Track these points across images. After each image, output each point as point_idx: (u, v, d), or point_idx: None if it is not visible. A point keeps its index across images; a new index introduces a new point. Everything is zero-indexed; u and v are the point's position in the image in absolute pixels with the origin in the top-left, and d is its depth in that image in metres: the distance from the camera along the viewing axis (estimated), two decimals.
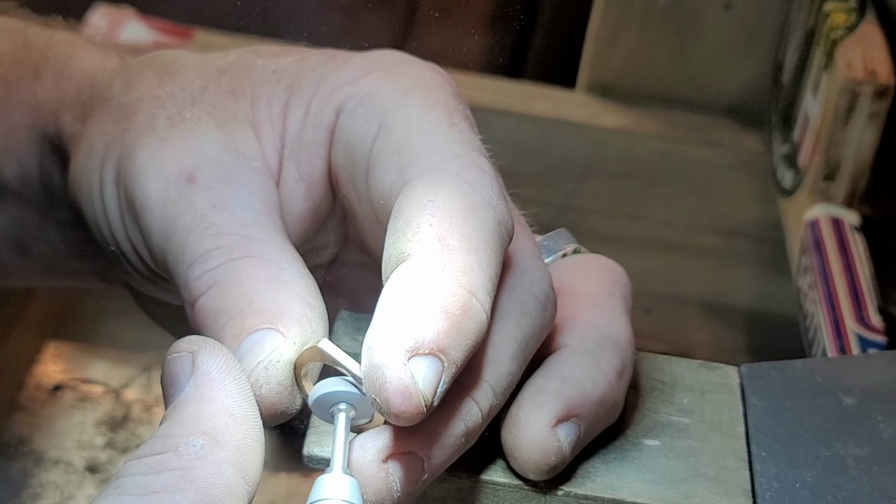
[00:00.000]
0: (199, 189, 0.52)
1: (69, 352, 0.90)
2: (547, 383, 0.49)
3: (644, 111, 1.14)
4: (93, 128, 0.56)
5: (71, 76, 0.59)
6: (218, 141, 0.53)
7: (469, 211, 0.47)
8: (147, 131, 0.54)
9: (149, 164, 0.53)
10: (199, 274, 0.50)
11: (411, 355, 0.44)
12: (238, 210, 0.51)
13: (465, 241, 0.46)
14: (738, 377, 0.56)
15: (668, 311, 0.98)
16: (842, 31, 0.95)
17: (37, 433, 0.83)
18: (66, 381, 0.87)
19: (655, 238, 1.04)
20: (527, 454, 0.48)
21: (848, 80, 0.91)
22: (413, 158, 0.49)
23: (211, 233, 0.51)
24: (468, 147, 0.50)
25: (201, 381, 0.44)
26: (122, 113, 0.55)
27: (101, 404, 0.85)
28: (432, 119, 0.51)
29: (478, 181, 0.48)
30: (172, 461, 0.43)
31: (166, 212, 0.52)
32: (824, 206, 0.94)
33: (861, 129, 0.92)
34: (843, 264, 0.87)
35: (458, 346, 0.45)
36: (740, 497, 0.50)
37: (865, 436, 0.53)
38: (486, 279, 0.46)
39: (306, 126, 0.54)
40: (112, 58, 0.60)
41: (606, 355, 0.50)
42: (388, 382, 0.43)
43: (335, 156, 0.53)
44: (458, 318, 0.44)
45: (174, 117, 0.54)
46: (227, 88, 0.55)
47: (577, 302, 0.52)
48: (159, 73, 0.56)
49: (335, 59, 0.55)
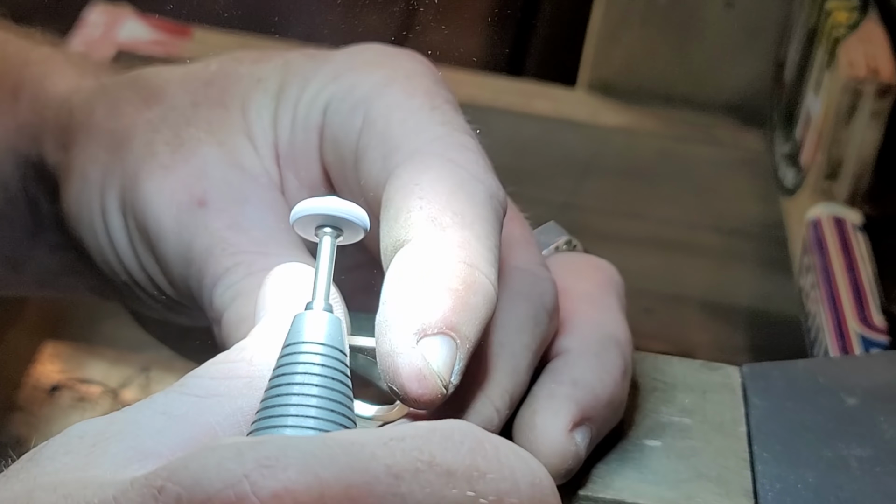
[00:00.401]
0: (212, 212, 0.52)
1: (67, 352, 0.90)
2: (559, 388, 0.49)
3: (645, 109, 1.14)
4: (80, 156, 0.56)
5: (47, 101, 0.59)
6: (222, 161, 0.53)
7: (457, 188, 0.47)
8: (147, 159, 0.54)
9: (157, 192, 0.53)
10: (221, 291, 0.50)
11: (420, 337, 0.43)
12: (254, 230, 0.51)
13: (458, 218, 0.46)
14: (740, 377, 0.56)
15: (669, 310, 0.98)
16: (844, 29, 0.95)
17: (34, 434, 0.83)
18: (63, 382, 0.87)
19: (656, 237, 1.04)
20: (546, 460, 0.47)
21: (850, 78, 0.91)
22: (396, 146, 0.49)
23: (229, 252, 0.51)
24: (450, 127, 0.50)
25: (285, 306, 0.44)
26: (113, 141, 0.55)
27: (98, 404, 0.85)
28: (413, 105, 0.51)
29: (463, 158, 0.48)
30: (243, 369, 0.42)
31: (182, 239, 0.52)
32: (826, 205, 0.94)
33: (863, 128, 0.92)
34: (845, 264, 0.87)
35: (468, 320, 0.44)
36: (742, 498, 0.50)
37: (868, 436, 0.53)
38: (486, 251, 0.46)
39: (296, 132, 0.54)
40: (88, 78, 0.59)
41: (610, 356, 0.50)
42: (401, 368, 0.43)
43: (324, 154, 0.53)
44: (462, 292, 0.44)
45: (172, 141, 0.54)
46: (217, 101, 0.55)
47: (575, 303, 0.52)
48: (143, 95, 0.56)
49: (315, 59, 0.55)
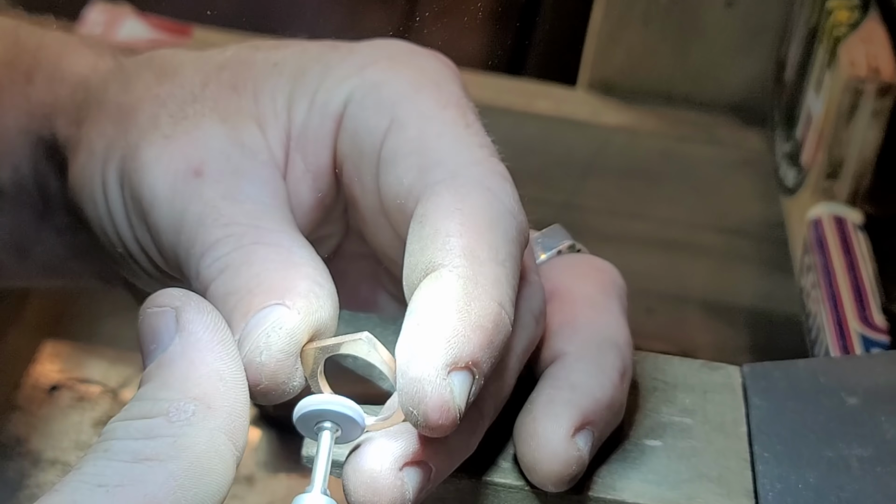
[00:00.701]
0: (207, 182, 0.52)
1: (66, 351, 0.90)
2: (558, 392, 0.49)
3: (646, 109, 1.14)
4: (91, 131, 0.56)
5: (64, 79, 0.59)
6: (223, 135, 0.53)
7: (495, 221, 0.47)
8: (150, 130, 0.54)
9: (155, 160, 0.53)
10: (209, 262, 0.50)
11: (450, 370, 0.44)
12: (248, 203, 0.51)
13: (493, 253, 0.46)
14: (741, 377, 0.56)
15: (670, 310, 0.98)
16: (845, 28, 0.95)
17: (34, 433, 0.83)
18: (63, 381, 0.87)
19: (657, 237, 1.04)
20: (548, 467, 0.48)
21: (851, 77, 0.91)
22: (435, 161, 0.49)
23: (221, 223, 0.50)
24: (487, 152, 0.50)
25: (188, 342, 0.44)
26: (120, 113, 0.55)
27: (98, 404, 0.85)
28: (447, 119, 0.51)
29: (500, 189, 0.49)
30: (163, 427, 0.42)
31: (175, 207, 0.52)
32: (827, 204, 0.94)
33: (864, 127, 0.92)
34: (846, 263, 0.87)
35: (488, 358, 0.45)
36: (743, 498, 0.50)
37: (869, 436, 0.53)
38: (511, 291, 0.47)
39: (312, 116, 0.53)
40: (105, 59, 0.59)
41: (609, 359, 0.51)
42: (429, 397, 0.44)
43: (341, 145, 0.53)
44: (490, 331, 0.45)
45: (176, 114, 0.54)
46: (228, 84, 0.55)
47: (575, 305, 0.52)
48: (157, 73, 0.56)
49: (338, 49, 0.55)
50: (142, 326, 0.45)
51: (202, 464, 0.42)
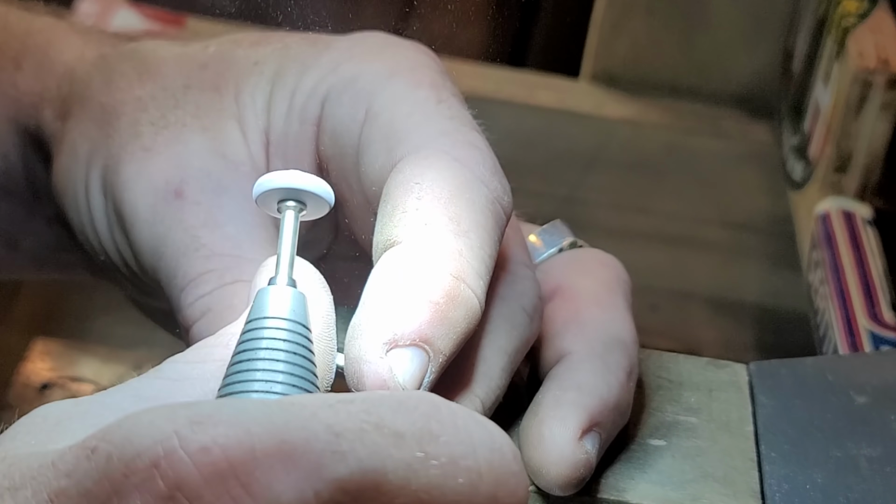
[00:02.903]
0: (187, 205, 0.52)
1: (58, 349, 0.90)
2: (564, 394, 0.49)
3: (650, 101, 1.14)
4: (74, 130, 0.56)
5: (51, 68, 0.59)
6: (204, 149, 0.53)
7: (459, 190, 0.47)
8: (131, 139, 0.54)
9: (135, 178, 0.53)
10: (191, 300, 0.50)
11: (390, 347, 0.43)
12: (229, 225, 0.51)
13: (454, 224, 0.46)
14: (747, 375, 0.56)
15: (675, 307, 0.98)
16: (853, 18, 0.96)
17: None
18: (54, 380, 0.87)
19: (662, 232, 1.04)
20: (556, 470, 0.48)
21: (860, 69, 0.91)
22: (400, 139, 0.49)
23: (202, 254, 0.51)
24: (458, 122, 0.50)
25: None
26: (103, 115, 0.55)
27: None
28: (418, 98, 0.51)
29: (469, 157, 0.48)
30: (219, 353, 0.42)
31: (155, 230, 0.52)
32: (836, 198, 0.94)
33: (873, 120, 0.92)
34: (854, 259, 0.87)
35: (444, 335, 0.44)
36: (749, 498, 0.50)
37: (878, 435, 0.53)
38: (477, 262, 0.46)
39: (291, 121, 0.53)
40: (91, 48, 0.59)
41: (615, 357, 0.50)
42: (365, 376, 0.43)
43: (322, 147, 0.53)
44: (443, 306, 0.44)
45: (158, 122, 0.54)
46: (211, 84, 0.55)
47: (579, 302, 0.52)
48: (139, 70, 0.56)
49: (315, 45, 0.55)
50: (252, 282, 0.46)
51: None
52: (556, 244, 0.56)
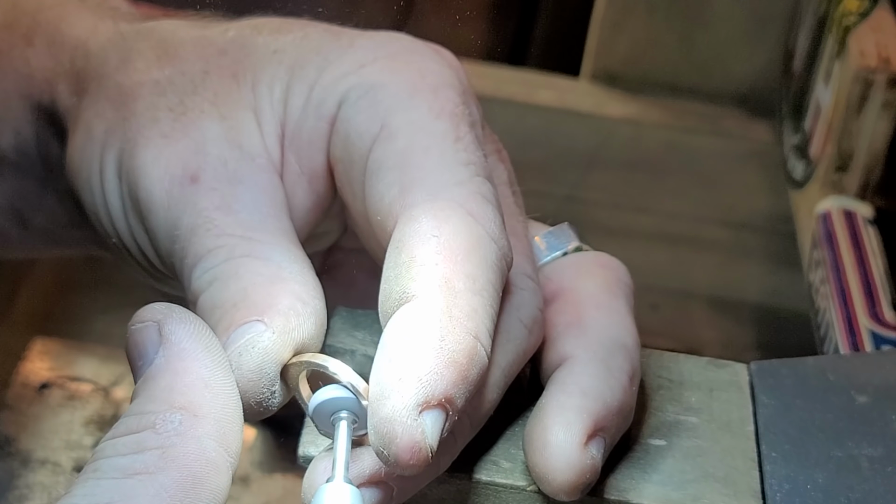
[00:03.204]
0: (202, 190, 0.52)
1: (57, 348, 0.90)
2: (569, 399, 0.48)
3: (650, 100, 1.14)
4: (89, 109, 0.56)
5: (64, 43, 0.59)
6: (221, 137, 0.53)
7: (474, 248, 0.47)
8: (148, 124, 0.53)
9: (152, 163, 0.53)
10: (200, 273, 0.50)
11: (422, 409, 0.44)
12: (243, 212, 0.51)
13: (470, 282, 0.46)
14: (748, 375, 0.56)
15: (675, 306, 0.98)
16: (854, 17, 0.95)
17: (23, 433, 0.83)
18: (53, 379, 0.87)
19: (662, 231, 1.04)
20: (563, 477, 0.47)
21: (861, 68, 0.91)
22: (416, 180, 0.49)
23: (213, 233, 0.51)
24: (473, 171, 0.49)
25: (171, 352, 0.44)
26: (120, 97, 0.55)
27: (89, 403, 0.85)
28: (437, 131, 0.50)
29: (481, 213, 0.48)
30: (151, 439, 0.42)
31: (170, 214, 0.52)
32: (836, 198, 0.94)
33: (874, 119, 0.92)
34: (855, 258, 0.87)
35: (462, 394, 0.45)
36: (750, 499, 0.50)
37: (879, 435, 0.53)
38: (488, 321, 0.46)
39: (307, 116, 0.53)
40: (106, 23, 0.59)
41: (617, 361, 0.50)
42: (399, 438, 0.44)
43: (333, 148, 0.53)
44: (464, 366, 0.44)
45: (176, 108, 0.54)
46: (229, 71, 0.55)
47: (580, 306, 0.52)
48: (157, 52, 0.56)
49: (339, 38, 0.54)
50: (128, 344, 0.45)
51: (193, 473, 0.42)
52: (561, 248, 0.55)
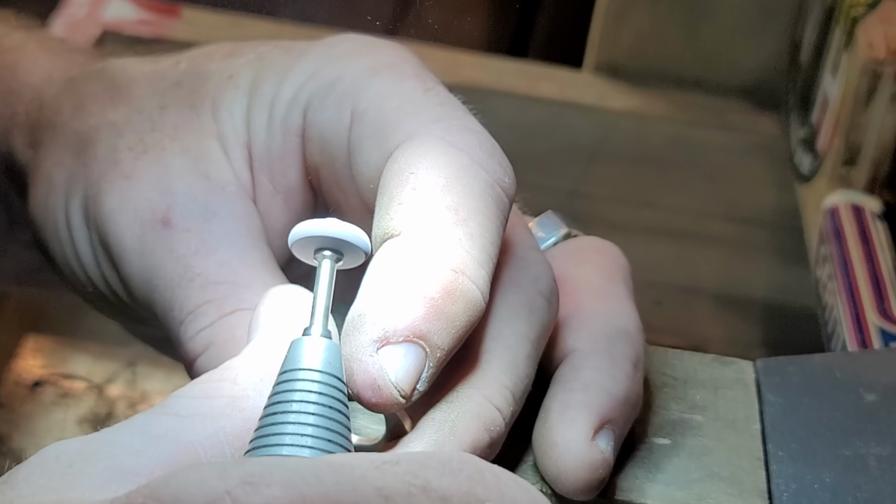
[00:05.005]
0: (176, 233, 0.51)
1: (49, 346, 0.90)
2: (571, 395, 0.48)
3: (654, 93, 1.14)
4: (48, 159, 0.56)
5: (20, 92, 0.59)
6: (187, 171, 0.53)
7: (456, 176, 0.46)
8: (110, 167, 0.53)
9: (119, 209, 0.52)
10: (192, 334, 0.50)
11: (381, 345, 0.43)
12: (222, 251, 0.51)
13: (452, 213, 0.45)
14: (754, 372, 0.56)
15: (680, 302, 0.98)
16: (862, 8, 0.95)
17: (16, 431, 0.83)
18: (46, 377, 0.87)
19: (667, 226, 1.04)
20: (574, 475, 0.47)
21: (869, 59, 0.91)
22: (392, 130, 0.49)
23: (198, 284, 0.51)
24: (449, 108, 0.49)
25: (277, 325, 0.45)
26: (78, 143, 0.55)
27: (83, 401, 0.85)
28: (405, 89, 0.50)
29: (464, 141, 0.47)
30: (227, 388, 0.43)
31: (145, 262, 0.52)
32: (844, 192, 0.94)
33: (883, 112, 0.92)
34: (863, 253, 0.87)
35: (442, 329, 0.44)
36: (756, 498, 0.50)
37: (888, 434, 0.53)
38: (478, 251, 0.45)
39: (273, 134, 0.53)
40: (60, 69, 0.59)
41: (620, 349, 0.50)
42: (355, 375, 0.43)
43: (310, 155, 0.53)
44: (439, 300, 0.44)
45: (136, 147, 0.54)
46: (187, 103, 0.55)
47: (578, 295, 0.52)
48: (110, 93, 0.56)
49: (290, 52, 0.55)
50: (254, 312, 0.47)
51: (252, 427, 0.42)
52: (552, 236, 0.55)
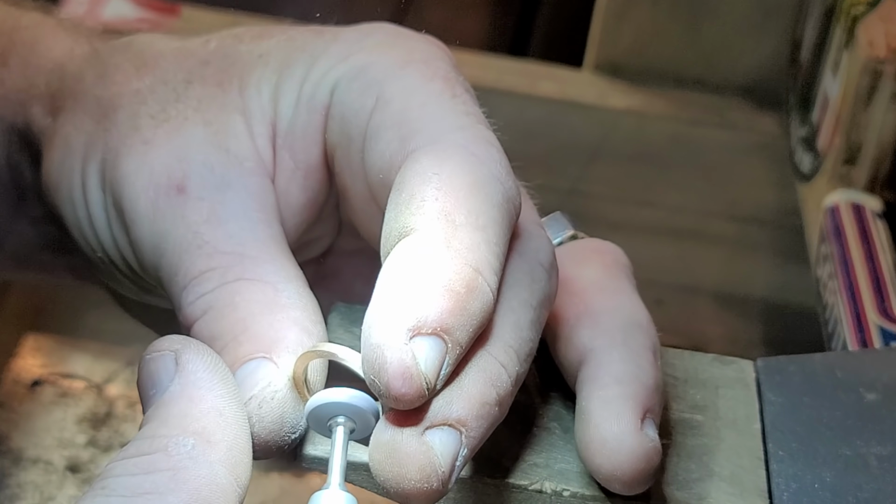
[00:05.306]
0: (190, 201, 0.52)
1: (49, 345, 0.90)
2: (607, 391, 0.49)
3: (655, 91, 1.14)
4: (67, 124, 0.56)
5: (39, 64, 0.59)
6: (206, 142, 0.53)
7: (476, 186, 0.47)
8: (130, 132, 0.53)
9: (136, 172, 0.53)
10: (193, 298, 0.50)
11: (413, 334, 0.44)
12: (232, 222, 0.51)
13: (473, 217, 0.46)
14: (755, 372, 0.56)
15: (681, 302, 0.98)
16: (863, 6, 0.95)
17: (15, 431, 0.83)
18: (45, 376, 0.87)
19: (667, 225, 1.04)
20: (632, 467, 0.47)
21: (870, 58, 0.91)
22: (416, 129, 0.49)
23: (205, 252, 0.51)
24: (473, 119, 0.50)
25: (187, 380, 0.45)
26: (99, 109, 0.55)
27: (82, 400, 0.86)
28: (433, 90, 0.51)
29: (485, 154, 0.48)
30: (162, 461, 0.42)
31: (156, 227, 0.52)
32: (845, 191, 0.94)
33: (883, 110, 0.92)
34: (864, 253, 0.87)
35: (462, 325, 0.44)
36: (756, 498, 0.50)
37: (888, 433, 0.53)
38: (492, 257, 0.46)
39: (300, 111, 0.53)
40: (82, 44, 0.59)
41: (638, 340, 0.50)
42: (388, 363, 0.43)
43: (329, 134, 0.53)
44: (463, 296, 0.44)
45: (158, 115, 0.54)
46: (214, 81, 0.55)
47: (586, 294, 0.52)
48: (136, 63, 0.56)
49: (323, 35, 0.55)
50: (141, 373, 0.46)
51: (203, 497, 0.42)
52: (557, 237, 0.56)
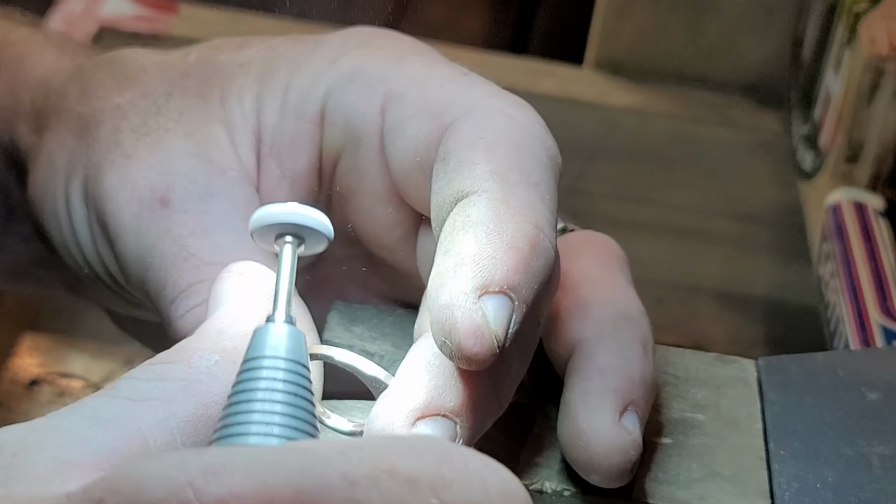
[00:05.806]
0: (174, 213, 0.52)
1: (46, 344, 0.90)
2: (589, 383, 0.49)
3: (656, 89, 1.14)
4: (51, 142, 0.56)
5: (25, 82, 0.59)
6: (188, 154, 0.53)
7: (522, 145, 0.48)
8: (112, 147, 0.54)
9: (118, 187, 0.53)
10: (182, 312, 0.50)
11: (482, 293, 0.44)
12: (218, 233, 0.51)
13: (525, 176, 0.46)
14: (756, 371, 0.56)
15: (682, 300, 0.98)
16: (865, 4, 0.95)
17: None
18: (43, 376, 0.87)
19: (668, 224, 1.04)
20: (607, 460, 0.47)
21: (872, 56, 0.91)
22: (447, 104, 0.50)
23: (192, 264, 0.51)
24: (496, 87, 0.51)
25: (238, 303, 0.45)
26: (81, 125, 0.55)
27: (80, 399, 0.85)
28: (442, 73, 0.51)
29: (522, 115, 0.49)
30: (179, 371, 0.42)
31: (141, 241, 0.52)
32: (847, 189, 0.94)
33: (886, 108, 0.92)
34: (866, 251, 0.87)
35: (527, 283, 0.44)
36: (758, 498, 0.50)
37: (891, 433, 0.53)
38: (549, 213, 0.46)
39: (286, 119, 0.53)
40: (66, 60, 0.59)
41: (626, 332, 0.50)
42: (460, 323, 0.43)
43: (329, 139, 0.53)
44: (527, 253, 0.45)
45: (139, 129, 0.54)
46: (194, 92, 0.55)
47: (578, 287, 0.52)
48: (117, 78, 0.56)
49: (304, 43, 0.55)
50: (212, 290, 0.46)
51: (210, 414, 0.41)
52: None
